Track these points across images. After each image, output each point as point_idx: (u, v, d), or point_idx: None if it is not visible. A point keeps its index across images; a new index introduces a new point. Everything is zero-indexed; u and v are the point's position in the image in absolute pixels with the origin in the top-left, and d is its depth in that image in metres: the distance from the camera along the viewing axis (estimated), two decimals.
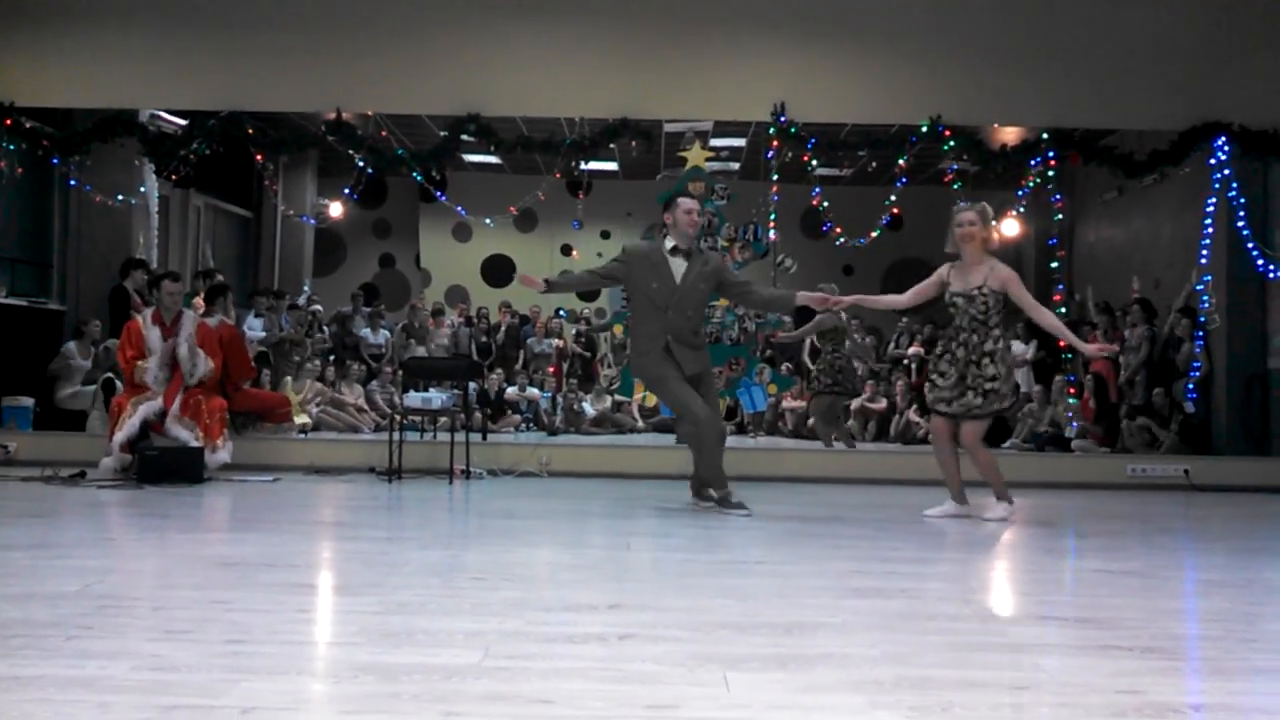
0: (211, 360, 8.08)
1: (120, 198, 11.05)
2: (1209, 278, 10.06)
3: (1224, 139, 9.63)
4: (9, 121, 9.78)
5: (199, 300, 9.65)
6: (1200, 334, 10.21)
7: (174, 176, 10.70)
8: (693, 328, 6.56)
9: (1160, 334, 11.01)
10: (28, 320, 10.54)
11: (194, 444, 7.75)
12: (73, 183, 10.80)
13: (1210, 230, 9.96)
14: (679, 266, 6.52)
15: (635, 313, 6.70)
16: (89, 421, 9.53)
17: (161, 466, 7.44)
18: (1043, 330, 12.30)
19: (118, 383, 9.19)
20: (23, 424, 9.52)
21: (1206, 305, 10.11)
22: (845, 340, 11.70)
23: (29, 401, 9.69)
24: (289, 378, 11.68)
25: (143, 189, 11.61)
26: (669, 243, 6.57)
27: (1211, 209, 9.91)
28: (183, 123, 10.56)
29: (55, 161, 10.34)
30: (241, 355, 8.94)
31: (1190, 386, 10.15)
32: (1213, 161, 9.74)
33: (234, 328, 9.51)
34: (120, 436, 7.72)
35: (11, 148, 9.97)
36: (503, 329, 14.85)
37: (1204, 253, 10.01)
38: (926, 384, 6.65)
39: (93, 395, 9.72)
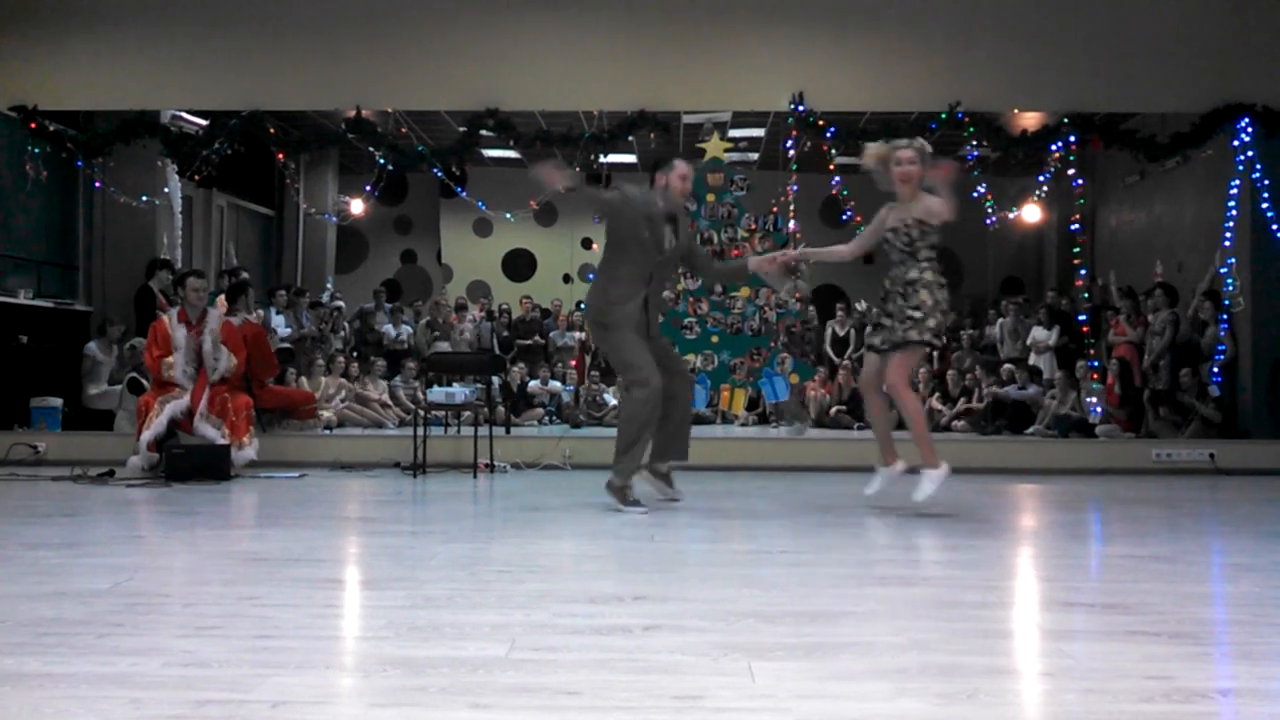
0: (234, 356, 8.15)
1: (144, 199, 11.13)
2: (1233, 260, 10.00)
3: (1247, 120, 9.56)
4: (33, 125, 9.89)
5: (221, 300, 9.72)
6: (1225, 317, 10.14)
7: (196, 177, 10.78)
8: (662, 294, 6.41)
9: (1184, 317, 10.94)
10: (55, 321, 10.64)
11: (220, 442, 7.81)
12: (97, 185, 10.90)
13: (1234, 212, 9.89)
14: (668, 232, 6.27)
15: (615, 256, 6.25)
16: (116, 421, 9.61)
17: (189, 464, 7.51)
18: (1066, 316, 12.34)
19: (143, 381, 9.27)
20: (52, 424, 9.61)
21: (1231, 288, 10.04)
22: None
23: (57, 402, 9.78)
24: (304, 376, 11.74)
25: (166, 189, 11.69)
26: (662, 205, 6.26)
27: (1235, 191, 9.84)
28: (204, 123, 10.63)
29: (79, 164, 10.45)
30: (266, 353, 9.00)
31: (1215, 370, 10.08)
32: (1236, 143, 9.68)
33: (258, 325, 9.57)
34: (148, 435, 7.78)
35: (35, 151, 10.07)
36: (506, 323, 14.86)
37: (1228, 235, 9.94)
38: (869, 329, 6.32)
39: (119, 395, 9.80)
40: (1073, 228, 11.55)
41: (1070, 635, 3.17)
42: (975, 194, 10.66)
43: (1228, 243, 9.95)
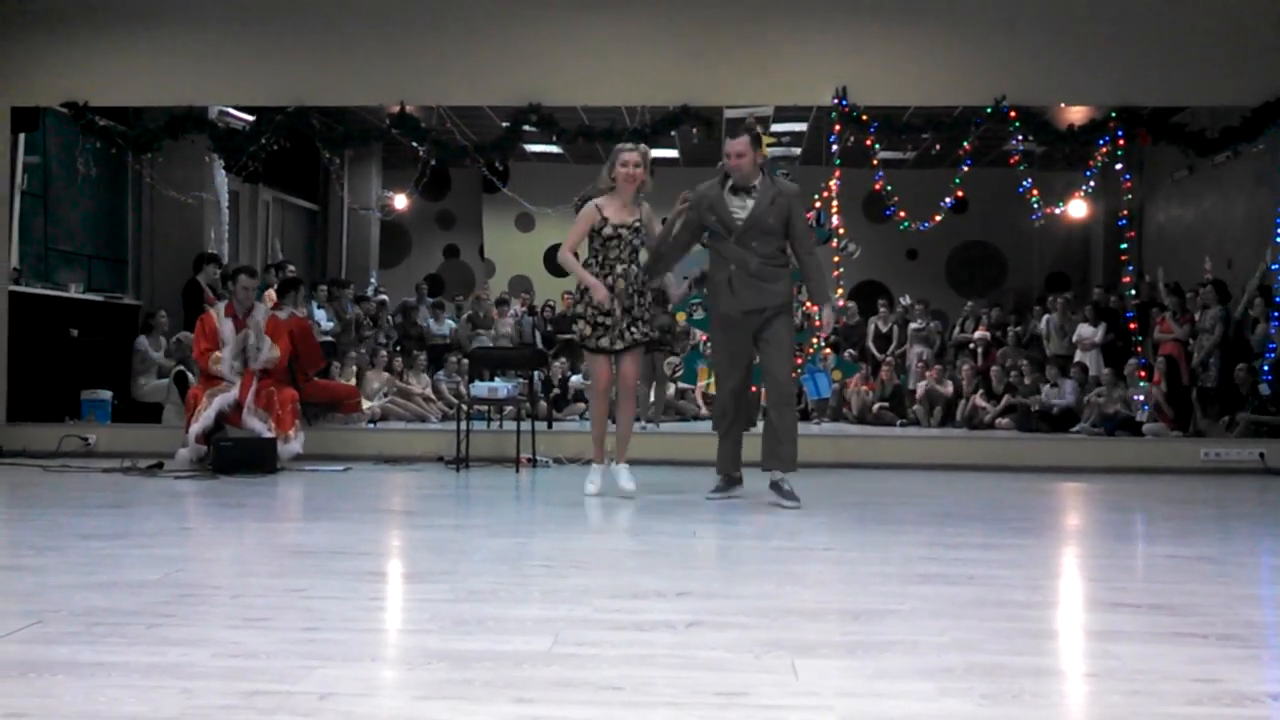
0: (277, 347, 8.22)
1: (192, 194, 11.27)
2: None
3: None
4: (83, 121, 10.03)
5: (270, 294, 9.80)
6: (1276, 314, 9.98)
7: (243, 172, 10.88)
8: (752, 266, 6.30)
9: (1234, 315, 10.77)
10: (104, 315, 10.80)
11: (267, 435, 7.90)
12: (146, 180, 11.04)
13: None
14: (738, 203, 6.48)
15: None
16: (165, 413, 9.74)
17: (236, 457, 7.59)
18: (1113, 313, 12.19)
19: (189, 375, 9.38)
20: (101, 416, 9.75)
21: None
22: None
23: (107, 394, 9.91)
24: (353, 365, 11.82)
25: (213, 185, 11.82)
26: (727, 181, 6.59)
27: None
28: (250, 119, 10.73)
29: (128, 159, 10.58)
30: (311, 346, 9.09)
31: (1266, 368, 9.92)
32: None
33: (304, 320, 9.66)
34: (196, 428, 7.88)
35: (86, 147, 10.21)
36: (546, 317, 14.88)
37: (1279, 231, 9.77)
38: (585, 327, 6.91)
39: (167, 388, 9.93)
40: (1120, 223, 11.40)
41: (1116, 636, 3.14)
42: (1021, 189, 10.55)
43: (1279, 239, 9.78)
